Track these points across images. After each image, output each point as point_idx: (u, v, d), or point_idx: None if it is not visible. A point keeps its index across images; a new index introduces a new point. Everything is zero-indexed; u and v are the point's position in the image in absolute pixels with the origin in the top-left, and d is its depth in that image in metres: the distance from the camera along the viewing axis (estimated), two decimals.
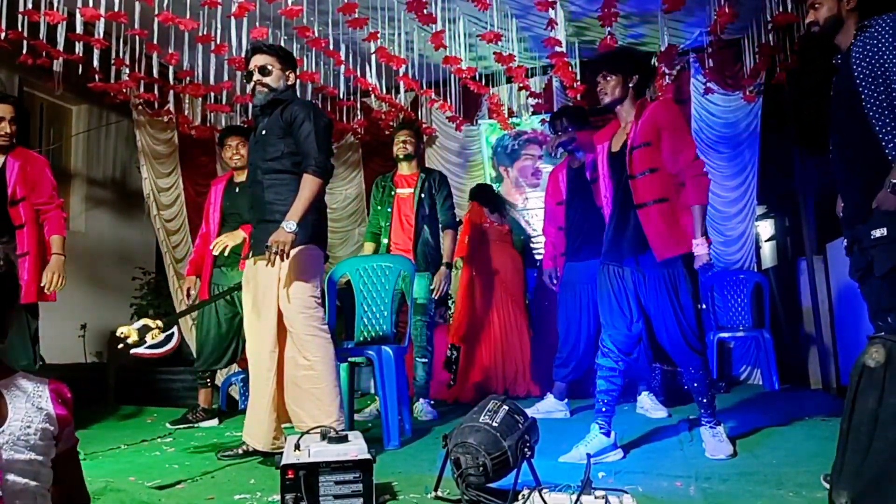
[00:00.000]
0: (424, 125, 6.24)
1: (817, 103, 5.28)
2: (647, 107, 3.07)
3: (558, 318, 4.27)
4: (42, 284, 3.63)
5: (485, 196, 5.44)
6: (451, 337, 5.23)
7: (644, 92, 3.16)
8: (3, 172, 3.66)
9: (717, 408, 3.11)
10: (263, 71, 3.04)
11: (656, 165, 2.97)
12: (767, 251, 7.04)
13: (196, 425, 4.16)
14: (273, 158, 3.01)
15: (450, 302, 5.58)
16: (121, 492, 2.44)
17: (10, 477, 1.29)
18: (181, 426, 4.12)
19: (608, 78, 3.08)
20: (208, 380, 4.31)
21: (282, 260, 2.81)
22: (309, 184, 2.90)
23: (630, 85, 3.08)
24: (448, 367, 5.11)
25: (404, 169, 4.48)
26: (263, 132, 3.06)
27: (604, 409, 3.05)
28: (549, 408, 4.14)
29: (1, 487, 1.27)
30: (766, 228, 7.02)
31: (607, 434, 3.02)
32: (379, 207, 4.50)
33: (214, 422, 4.24)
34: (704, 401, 3.04)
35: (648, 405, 4.05)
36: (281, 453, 2.56)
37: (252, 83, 3.06)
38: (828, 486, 2.57)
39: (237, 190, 4.29)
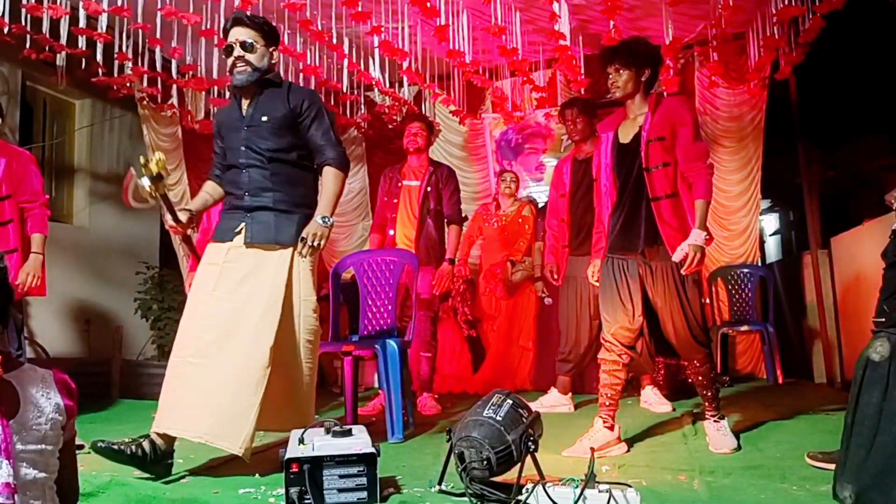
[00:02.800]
0: (430, 119, 6.24)
1: (822, 97, 5.29)
2: (663, 101, 3.05)
3: (560, 312, 4.28)
4: (17, 283, 3.55)
5: None
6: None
7: (653, 85, 3.12)
8: None
9: (720, 401, 3.11)
10: (245, 46, 2.80)
11: (668, 160, 2.96)
12: (772, 245, 7.04)
13: None
14: (280, 149, 2.85)
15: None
16: (125, 486, 2.44)
17: (22, 467, 1.30)
18: None
19: (621, 71, 3.03)
20: None
21: (313, 254, 2.79)
22: (333, 177, 2.86)
23: (642, 79, 3.04)
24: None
25: (413, 161, 4.47)
26: (264, 118, 2.85)
27: (607, 403, 3.05)
28: (552, 402, 4.15)
29: (14, 478, 1.27)
30: (770, 222, 7.02)
31: (611, 428, 3.03)
32: (386, 199, 4.49)
33: None
34: (708, 394, 3.04)
35: (652, 399, 4.06)
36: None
37: (231, 59, 2.81)
38: (812, 462, 2.59)
39: None
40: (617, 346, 3.03)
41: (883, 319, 2.50)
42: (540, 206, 5.47)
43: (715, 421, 3.04)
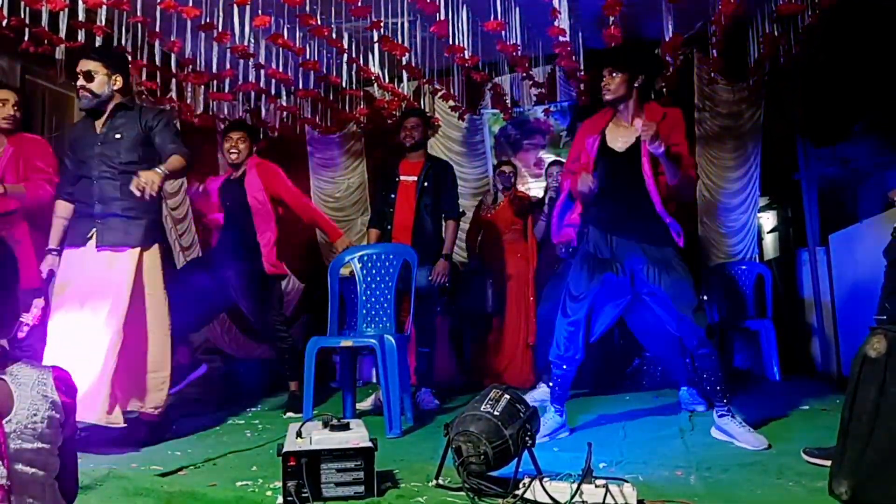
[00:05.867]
0: (427, 114, 6.23)
1: (821, 94, 5.28)
2: (657, 112, 3.07)
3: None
4: None
5: None
6: None
7: (650, 93, 3.14)
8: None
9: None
10: (87, 76, 3.26)
11: (662, 170, 3.03)
12: (770, 242, 7.04)
13: None
14: (130, 162, 3.26)
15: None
16: (123, 478, 2.45)
17: (19, 467, 1.26)
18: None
19: (613, 74, 3.05)
20: None
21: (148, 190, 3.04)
22: (179, 157, 3.26)
23: (635, 84, 3.07)
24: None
25: (411, 156, 4.46)
26: (118, 136, 3.29)
27: (559, 392, 3.22)
28: (543, 396, 4.12)
29: (9, 478, 1.25)
30: (768, 219, 7.02)
31: (560, 414, 3.21)
32: (383, 193, 4.49)
33: None
34: (720, 388, 3.06)
35: (687, 399, 3.99)
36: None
37: (77, 87, 3.29)
38: (808, 458, 2.60)
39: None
40: (564, 354, 3.16)
41: (885, 317, 2.51)
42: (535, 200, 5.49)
43: (732, 416, 3.05)
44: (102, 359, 3.04)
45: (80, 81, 3.27)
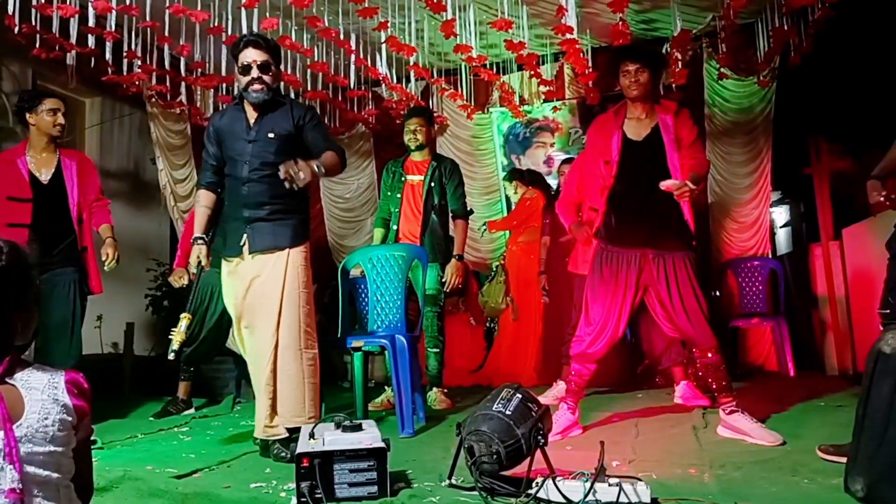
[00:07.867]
0: (435, 114, 6.23)
1: (832, 88, 5.25)
2: (671, 106, 3.18)
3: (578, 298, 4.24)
4: (103, 259, 3.86)
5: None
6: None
7: (655, 89, 3.24)
8: (61, 172, 3.79)
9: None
10: (264, 68, 2.95)
11: (682, 162, 3.09)
12: (782, 237, 7.00)
13: (177, 415, 4.23)
14: (281, 163, 2.85)
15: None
16: (138, 480, 2.47)
17: (31, 469, 1.29)
18: (163, 417, 4.18)
19: (642, 70, 3.11)
20: (192, 373, 4.45)
21: (295, 181, 2.73)
22: (333, 155, 2.97)
23: (655, 81, 3.17)
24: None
25: (416, 155, 4.44)
26: (270, 134, 2.98)
27: (575, 390, 3.23)
28: (558, 394, 4.13)
29: (21, 480, 1.27)
30: (780, 214, 6.97)
31: (573, 412, 3.22)
32: (389, 193, 4.47)
33: (192, 410, 4.35)
34: (724, 384, 3.07)
35: (688, 394, 3.99)
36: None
37: (248, 77, 2.94)
38: (823, 455, 2.58)
39: None
40: (591, 341, 3.15)
41: (888, 311, 2.49)
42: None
43: (741, 412, 3.04)
44: (264, 368, 2.93)
45: (255, 73, 2.93)
